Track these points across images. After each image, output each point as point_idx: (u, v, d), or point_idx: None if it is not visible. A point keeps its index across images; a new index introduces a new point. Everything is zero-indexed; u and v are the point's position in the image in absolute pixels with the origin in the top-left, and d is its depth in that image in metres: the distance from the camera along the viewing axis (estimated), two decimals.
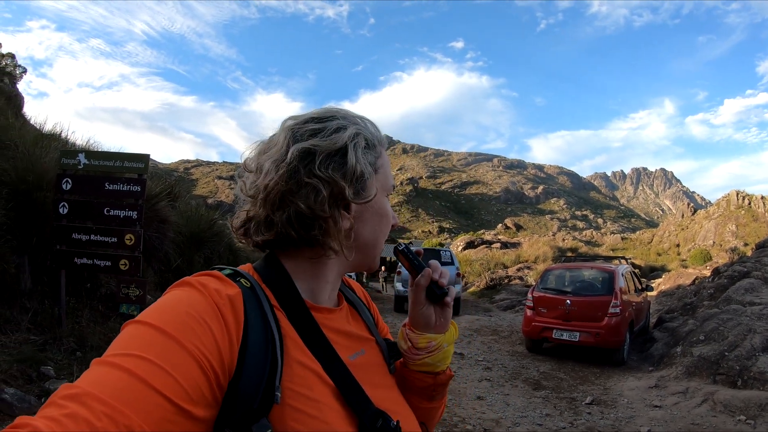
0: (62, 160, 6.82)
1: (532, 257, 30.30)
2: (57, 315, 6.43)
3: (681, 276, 22.59)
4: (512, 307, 19.52)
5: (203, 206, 14.85)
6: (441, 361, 1.14)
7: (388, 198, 1.09)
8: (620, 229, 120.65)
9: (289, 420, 0.82)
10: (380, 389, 1.01)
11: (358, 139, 0.98)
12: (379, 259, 1.14)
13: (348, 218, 0.98)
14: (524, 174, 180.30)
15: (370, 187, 1.00)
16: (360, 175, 0.96)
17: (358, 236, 1.01)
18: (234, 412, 0.79)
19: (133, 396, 0.67)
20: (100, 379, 0.69)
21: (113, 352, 0.74)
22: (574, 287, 11.20)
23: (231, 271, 0.94)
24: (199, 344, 0.76)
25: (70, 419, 0.62)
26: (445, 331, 1.14)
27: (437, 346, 1.11)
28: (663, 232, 50.24)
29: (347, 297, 1.17)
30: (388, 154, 1.09)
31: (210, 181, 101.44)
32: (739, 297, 10.91)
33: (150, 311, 0.80)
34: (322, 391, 0.88)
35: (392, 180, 1.11)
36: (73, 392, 0.66)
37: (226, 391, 0.79)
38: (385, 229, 1.08)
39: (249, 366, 0.81)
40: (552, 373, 9.69)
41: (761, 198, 41.19)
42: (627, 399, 7.93)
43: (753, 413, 6.74)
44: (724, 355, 8.40)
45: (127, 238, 6.57)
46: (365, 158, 0.99)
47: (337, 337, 0.99)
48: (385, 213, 1.07)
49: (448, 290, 1.11)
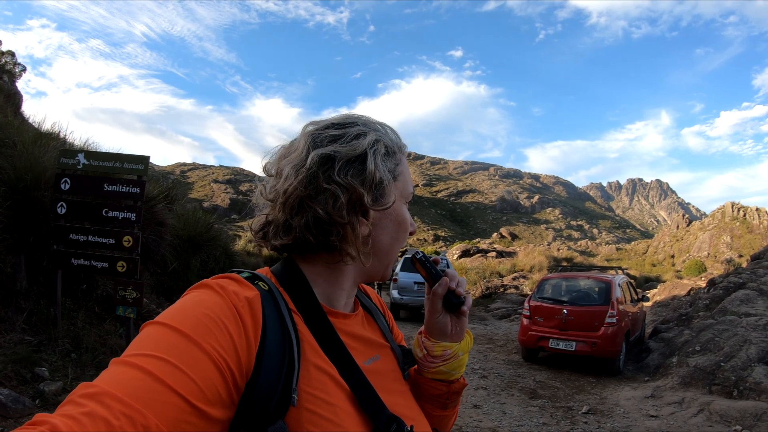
0: (61, 159, 6.80)
1: (527, 266, 30.26)
2: (52, 316, 6.40)
3: (676, 287, 22.61)
4: (508, 316, 19.48)
5: (200, 210, 14.82)
6: (455, 370, 1.13)
7: (406, 205, 1.08)
8: (615, 239, 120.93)
9: (305, 422, 0.82)
10: (394, 395, 1.01)
11: (377, 146, 0.99)
12: (392, 268, 1.11)
13: (366, 225, 0.98)
14: (520, 183, 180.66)
15: (389, 194, 1.00)
16: (379, 182, 0.97)
17: (375, 243, 1.01)
18: (250, 414, 0.79)
19: (151, 396, 0.68)
20: (119, 379, 0.70)
21: (132, 352, 0.75)
22: (570, 297, 11.20)
23: (249, 274, 0.96)
24: (216, 346, 0.77)
25: (88, 417, 0.63)
26: (460, 340, 1.13)
27: (452, 354, 1.11)
28: (658, 243, 50.43)
29: (363, 303, 1.17)
30: None
31: (206, 185, 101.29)
32: (734, 308, 10.93)
33: (169, 313, 0.81)
34: (337, 395, 0.89)
35: (411, 187, 1.10)
36: (91, 391, 0.67)
37: (243, 393, 0.80)
38: (402, 237, 1.07)
39: (266, 368, 0.82)
40: (548, 382, 9.68)
41: (756, 210, 41.32)
42: (623, 409, 7.92)
43: (749, 423, 6.75)
44: (719, 366, 8.41)
45: (125, 240, 6.54)
46: (384, 165, 0.99)
47: (353, 342, 0.99)
48: (403, 220, 1.06)
49: (465, 299, 1.10)
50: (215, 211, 50.45)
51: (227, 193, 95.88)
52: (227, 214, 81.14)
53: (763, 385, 7.42)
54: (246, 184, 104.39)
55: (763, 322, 9.59)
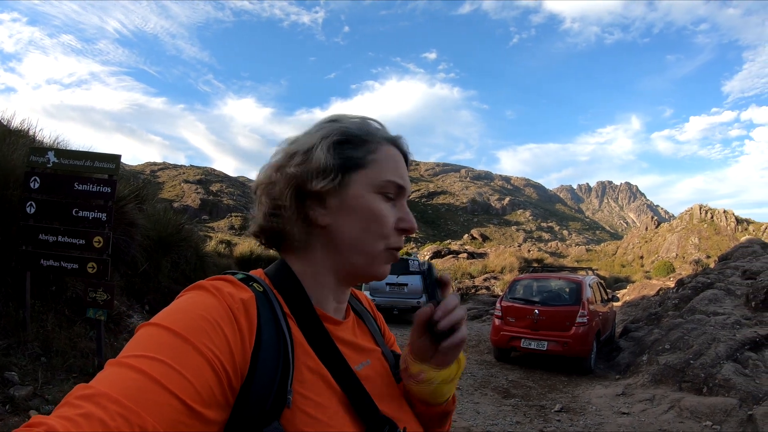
0: (31, 157, 6.66)
1: (498, 268, 30.46)
2: (21, 318, 6.26)
3: (645, 287, 22.97)
4: (479, 317, 19.57)
5: (170, 210, 14.65)
6: (431, 396, 1.05)
7: (381, 196, 1.01)
8: (585, 240, 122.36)
9: (299, 423, 0.83)
10: (386, 399, 1.01)
11: (332, 135, 0.99)
12: (380, 267, 1.03)
13: (325, 214, 0.98)
14: (491, 185, 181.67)
15: (349, 182, 0.98)
16: (323, 168, 0.97)
17: (337, 233, 0.99)
18: (245, 415, 0.79)
19: (147, 397, 0.68)
20: (115, 380, 0.70)
21: (127, 354, 0.75)
22: (541, 297, 11.30)
23: (244, 275, 0.96)
24: (212, 346, 0.77)
25: (84, 419, 0.63)
26: (441, 368, 1.03)
27: (426, 379, 1.02)
28: (627, 245, 51.18)
29: (354, 307, 1.16)
30: None
31: (177, 185, 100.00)
32: (703, 307, 11.14)
33: (164, 314, 0.81)
34: (330, 398, 0.89)
35: (392, 176, 1.02)
36: (87, 392, 0.67)
37: (238, 394, 0.80)
38: (378, 230, 0.99)
39: (261, 369, 0.82)
40: (521, 381, 9.77)
41: (723, 212, 42.20)
42: (595, 406, 8.02)
43: (719, 419, 6.88)
44: (689, 363, 8.56)
45: (96, 241, 6.44)
46: (340, 152, 0.98)
47: (344, 348, 0.98)
48: (373, 212, 0.99)
49: (453, 335, 1.00)
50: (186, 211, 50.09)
51: (198, 193, 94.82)
52: (198, 214, 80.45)
53: (732, 382, 7.56)
54: (217, 184, 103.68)
55: (731, 321, 9.80)
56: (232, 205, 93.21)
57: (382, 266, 1.03)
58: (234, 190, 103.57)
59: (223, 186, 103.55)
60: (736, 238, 35.27)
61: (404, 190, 1.04)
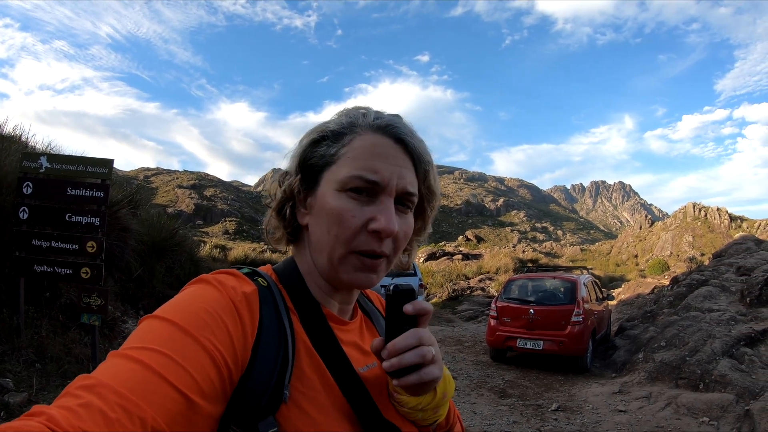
0: (23, 162, 6.65)
1: (493, 268, 30.42)
2: (15, 325, 6.25)
3: (640, 285, 23.03)
4: (475, 318, 19.60)
5: (164, 215, 14.64)
6: (407, 416, 0.97)
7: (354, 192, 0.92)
8: (579, 240, 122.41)
9: (295, 420, 0.82)
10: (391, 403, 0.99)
11: (310, 135, 0.99)
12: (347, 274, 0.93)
13: (304, 213, 0.99)
14: (485, 187, 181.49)
15: (320, 181, 0.96)
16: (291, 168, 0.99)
17: (311, 234, 0.97)
18: (242, 408, 0.79)
19: (148, 388, 0.68)
20: (116, 371, 0.70)
21: (129, 345, 0.75)
22: (537, 297, 11.32)
23: (249, 270, 0.95)
24: (213, 339, 0.77)
25: (84, 409, 0.63)
26: (411, 395, 0.93)
27: (399, 400, 0.94)
28: (621, 244, 51.16)
29: (363, 307, 1.15)
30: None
31: (170, 190, 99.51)
32: (698, 304, 11.18)
33: (166, 307, 0.81)
34: (329, 397, 0.88)
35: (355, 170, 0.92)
36: (88, 383, 0.67)
37: (236, 387, 0.79)
38: (336, 232, 0.91)
39: (260, 363, 0.82)
40: (517, 381, 9.76)
41: (717, 210, 42.23)
42: (592, 405, 8.03)
43: (716, 414, 6.90)
44: (685, 360, 8.58)
45: (89, 246, 6.43)
46: (313, 152, 0.97)
47: (349, 349, 0.97)
48: (331, 213, 0.92)
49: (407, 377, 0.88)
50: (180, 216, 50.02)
51: (191, 198, 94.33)
52: (192, 219, 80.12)
53: (728, 378, 7.58)
54: (211, 189, 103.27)
55: (726, 317, 9.83)
56: (226, 209, 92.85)
57: (351, 273, 0.94)
58: (228, 195, 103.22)
59: (216, 191, 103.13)
60: (729, 236, 35.32)
61: (377, 184, 0.92)
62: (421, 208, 1.04)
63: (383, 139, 0.95)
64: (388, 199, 0.93)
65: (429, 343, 0.90)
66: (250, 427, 0.78)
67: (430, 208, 1.06)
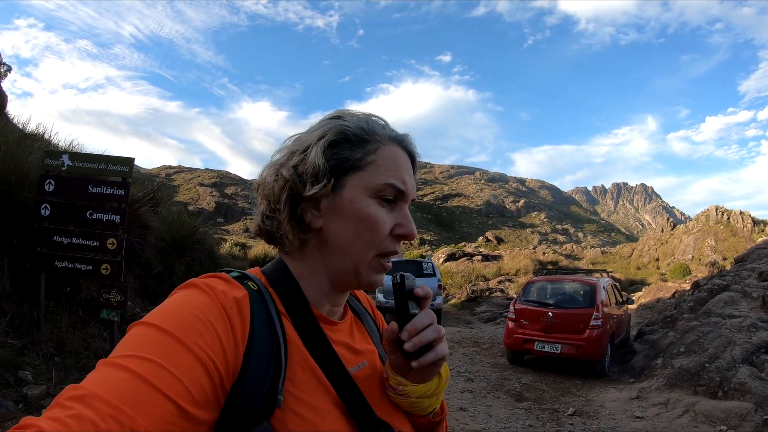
0: (45, 160, 6.74)
1: (513, 270, 30.28)
2: (36, 319, 6.33)
3: (661, 289, 22.75)
4: (493, 320, 19.50)
5: (185, 213, 14.74)
6: (411, 408, 1.02)
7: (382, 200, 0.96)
8: (600, 243, 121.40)
9: (290, 424, 0.82)
10: (383, 401, 1.00)
11: (329, 134, 0.97)
12: (369, 276, 0.98)
13: (318, 216, 0.97)
14: (506, 187, 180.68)
15: (343, 185, 0.95)
16: (315, 171, 0.94)
17: (329, 237, 0.97)
18: (235, 415, 0.79)
19: (138, 398, 0.68)
20: (106, 381, 0.69)
21: (119, 354, 0.74)
22: (555, 300, 11.24)
23: (239, 273, 0.95)
24: (204, 346, 0.77)
25: (75, 420, 0.63)
26: (418, 383, 0.99)
27: (404, 393, 0.99)
28: (643, 247, 50.74)
29: (352, 306, 1.15)
30: None
31: (192, 188, 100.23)
32: (719, 310, 11.01)
33: (156, 313, 0.80)
34: (323, 398, 0.88)
35: (390, 179, 0.96)
36: (78, 393, 0.67)
37: (229, 394, 0.79)
38: (370, 236, 0.95)
39: (252, 369, 0.81)
40: (534, 384, 9.71)
41: (740, 213, 41.77)
42: (609, 410, 7.96)
43: (734, 423, 6.81)
44: (704, 367, 8.48)
45: (110, 243, 6.50)
46: (335, 153, 0.96)
47: (340, 349, 0.97)
48: (365, 216, 0.95)
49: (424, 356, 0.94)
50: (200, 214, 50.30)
51: (213, 196, 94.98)
52: (212, 217, 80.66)
53: (747, 386, 7.48)
54: (232, 187, 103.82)
55: (747, 324, 9.68)
56: (247, 208, 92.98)
57: (372, 275, 0.98)
58: (249, 193, 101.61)
59: (237, 189, 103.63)
60: (752, 240, 34.84)
61: (404, 193, 0.98)
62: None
63: (401, 152, 1.02)
64: (405, 206, 1.00)
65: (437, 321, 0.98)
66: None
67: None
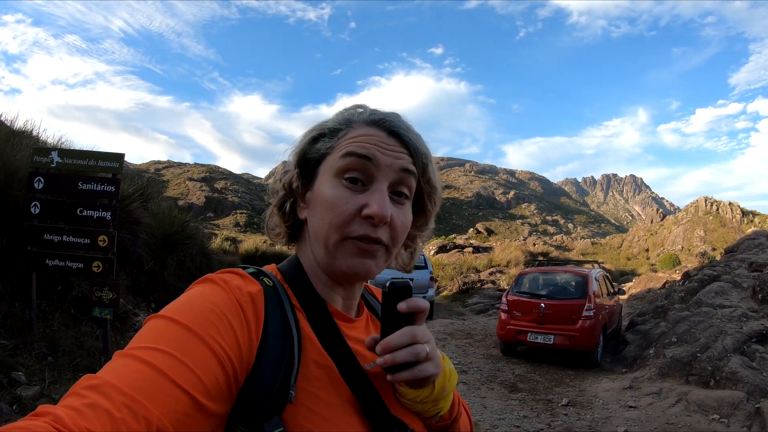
0: (35, 157, 6.68)
1: (504, 261, 30.33)
2: (28, 318, 6.28)
3: (651, 280, 22.89)
4: (485, 311, 19.54)
5: (175, 208, 14.66)
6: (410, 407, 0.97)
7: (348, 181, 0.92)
8: (590, 234, 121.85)
9: (302, 420, 0.81)
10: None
11: (309, 133, 1.01)
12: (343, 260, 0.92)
13: (303, 208, 1.00)
14: (496, 179, 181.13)
15: (318, 174, 0.97)
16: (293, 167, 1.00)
17: (309, 226, 0.98)
18: (247, 408, 0.79)
19: (153, 388, 0.68)
20: (121, 371, 0.70)
21: (135, 345, 0.75)
22: (548, 291, 11.30)
23: (254, 269, 0.96)
24: (219, 339, 0.77)
25: (90, 409, 0.63)
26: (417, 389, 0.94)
27: (399, 391, 0.95)
28: (632, 237, 50.96)
29: (368, 303, 1.14)
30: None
31: (181, 183, 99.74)
32: (709, 300, 11.10)
33: (172, 306, 0.81)
34: (337, 394, 0.88)
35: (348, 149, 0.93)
36: (94, 383, 0.67)
37: (242, 387, 0.79)
38: (329, 218, 0.91)
39: (266, 363, 0.81)
40: (527, 375, 9.76)
41: (729, 204, 42.10)
42: (602, 400, 8.01)
43: (726, 412, 6.87)
44: (696, 356, 8.54)
45: (101, 240, 6.46)
46: (312, 148, 0.99)
47: (355, 346, 0.96)
48: (324, 199, 0.93)
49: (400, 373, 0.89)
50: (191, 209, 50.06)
51: (202, 191, 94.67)
52: (203, 212, 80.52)
53: (739, 375, 7.54)
54: (221, 181, 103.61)
55: (737, 314, 9.76)
56: (237, 202, 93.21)
57: (348, 259, 0.92)
58: (239, 188, 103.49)
59: (227, 183, 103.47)
60: (741, 231, 35.09)
61: (371, 162, 0.92)
62: (423, 204, 1.04)
63: (377, 131, 0.96)
64: (382, 184, 0.93)
65: (424, 341, 0.90)
66: (256, 427, 0.78)
67: (431, 203, 1.06)
